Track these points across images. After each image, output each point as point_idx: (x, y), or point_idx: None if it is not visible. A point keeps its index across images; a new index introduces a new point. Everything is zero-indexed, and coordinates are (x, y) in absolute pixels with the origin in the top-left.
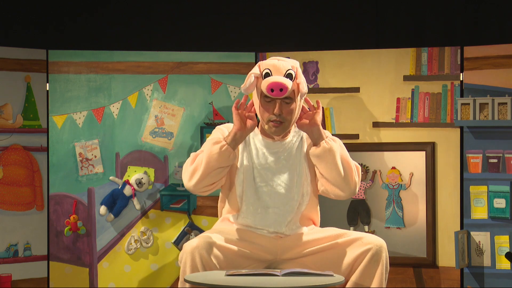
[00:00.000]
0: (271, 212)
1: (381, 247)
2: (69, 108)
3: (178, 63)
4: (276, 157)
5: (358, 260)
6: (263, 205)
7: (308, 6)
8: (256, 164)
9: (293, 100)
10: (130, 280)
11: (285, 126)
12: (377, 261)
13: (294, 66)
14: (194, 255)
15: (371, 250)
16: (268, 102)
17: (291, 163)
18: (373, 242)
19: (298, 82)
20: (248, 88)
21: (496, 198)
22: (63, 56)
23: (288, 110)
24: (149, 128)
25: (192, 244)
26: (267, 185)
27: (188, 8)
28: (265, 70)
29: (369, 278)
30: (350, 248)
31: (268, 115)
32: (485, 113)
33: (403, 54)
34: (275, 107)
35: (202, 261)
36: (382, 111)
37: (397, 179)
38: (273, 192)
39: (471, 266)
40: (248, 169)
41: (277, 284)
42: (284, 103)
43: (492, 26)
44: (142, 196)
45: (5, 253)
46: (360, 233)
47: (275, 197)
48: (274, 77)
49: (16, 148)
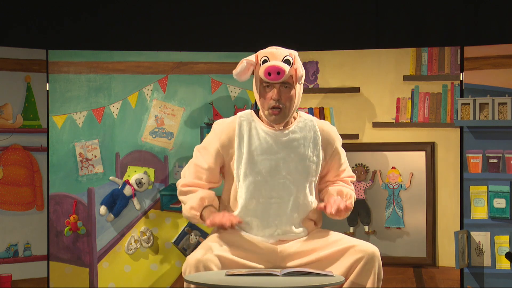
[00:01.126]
0: (273, 202)
1: (374, 256)
2: (69, 108)
3: (178, 63)
4: (281, 146)
5: (352, 268)
6: (266, 195)
7: (308, 6)
8: (260, 153)
9: (291, 85)
10: (130, 280)
11: (285, 113)
12: (369, 270)
13: (291, 53)
14: (199, 268)
15: (363, 259)
16: (267, 88)
17: (296, 154)
18: (365, 251)
19: (295, 68)
20: (239, 74)
21: (496, 198)
22: (63, 56)
23: (287, 96)
24: (149, 128)
25: (196, 256)
26: (271, 175)
27: (188, 8)
28: (263, 58)
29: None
30: (344, 257)
31: (267, 102)
32: (485, 113)
33: (403, 54)
34: (274, 93)
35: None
36: (382, 111)
37: (397, 179)
38: (277, 182)
39: (471, 266)
40: (252, 159)
41: (277, 284)
42: (283, 87)
43: (492, 26)
44: (142, 196)
45: (5, 253)
46: (354, 240)
47: (279, 188)
48: (271, 62)
49: (16, 148)
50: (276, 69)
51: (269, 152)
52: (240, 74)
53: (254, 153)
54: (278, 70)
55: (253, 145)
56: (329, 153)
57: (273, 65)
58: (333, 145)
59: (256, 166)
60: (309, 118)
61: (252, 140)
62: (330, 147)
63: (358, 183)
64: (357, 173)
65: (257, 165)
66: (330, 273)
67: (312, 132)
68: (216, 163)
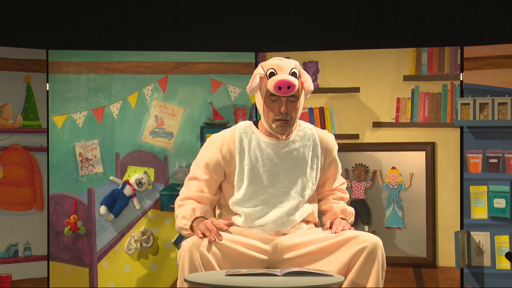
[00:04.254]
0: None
1: (377, 245)
2: (69, 108)
3: (178, 63)
4: (282, 156)
5: (354, 258)
6: (268, 204)
7: (308, 6)
8: (261, 165)
9: (297, 98)
10: (130, 280)
11: (290, 124)
12: (372, 259)
13: (296, 65)
14: (193, 252)
15: (366, 248)
16: (274, 101)
17: (297, 163)
18: (368, 240)
19: (303, 81)
20: (253, 89)
21: (496, 198)
22: (63, 56)
23: (293, 108)
24: (149, 128)
25: (190, 242)
26: (273, 185)
27: (188, 8)
28: (269, 70)
29: (366, 277)
30: (346, 247)
31: (274, 115)
32: (485, 113)
33: (403, 54)
34: (281, 106)
35: (201, 259)
36: (382, 111)
37: (397, 179)
38: (279, 192)
39: (471, 266)
40: (254, 171)
41: (277, 284)
42: (289, 101)
43: (492, 26)
44: (142, 196)
45: (5, 253)
46: (356, 232)
47: (280, 196)
48: (280, 75)
49: (16, 148)
50: (286, 83)
51: (270, 163)
52: (253, 90)
53: (256, 165)
54: (288, 84)
55: (254, 157)
56: (327, 161)
57: (283, 80)
58: (331, 153)
59: (257, 177)
60: (308, 127)
61: (253, 153)
62: (329, 155)
63: (358, 183)
64: (357, 173)
65: (259, 176)
66: (330, 273)
67: (312, 140)
68: (217, 174)
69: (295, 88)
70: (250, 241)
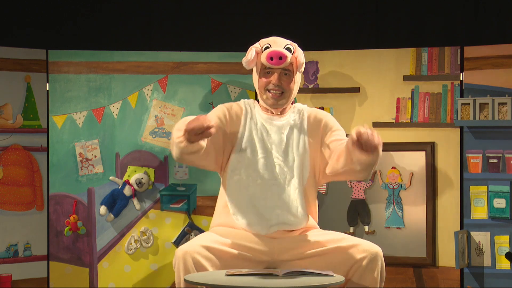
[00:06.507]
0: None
1: (377, 255)
2: (69, 108)
3: (178, 63)
4: (276, 131)
5: (353, 267)
6: (263, 176)
7: (308, 6)
8: (257, 137)
9: (292, 73)
10: (130, 280)
11: (285, 97)
12: (372, 270)
13: (292, 43)
14: (186, 259)
15: (366, 258)
16: (267, 73)
17: (289, 141)
18: (368, 250)
19: (296, 56)
20: (249, 62)
21: (496, 198)
22: (63, 56)
23: (287, 81)
24: (149, 128)
25: (183, 248)
26: (267, 157)
27: (188, 8)
28: (265, 45)
29: (364, 287)
30: (346, 255)
31: (267, 86)
32: (485, 113)
33: (403, 54)
34: (274, 78)
35: (195, 265)
36: (382, 111)
37: (397, 179)
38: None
39: (471, 266)
40: (250, 141)
41: (277, 284)
42: (283, 74)
43: (492, 26)
44: (142, 196)
45: (5, 253)
46: (357, 240)
47: (274, 171)
48: (273, 47)
49: (16, 148)
50: (278, 54)
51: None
52: (249, 62)
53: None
54: (280, 55)
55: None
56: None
57: (275, 51)
58: (321, 121)
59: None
60: (301, 107)
61: (253, 121)
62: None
63: (358, 183)
64: None
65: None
66: (330, 273)
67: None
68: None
69: (287, 59)
70: (247, 243)
